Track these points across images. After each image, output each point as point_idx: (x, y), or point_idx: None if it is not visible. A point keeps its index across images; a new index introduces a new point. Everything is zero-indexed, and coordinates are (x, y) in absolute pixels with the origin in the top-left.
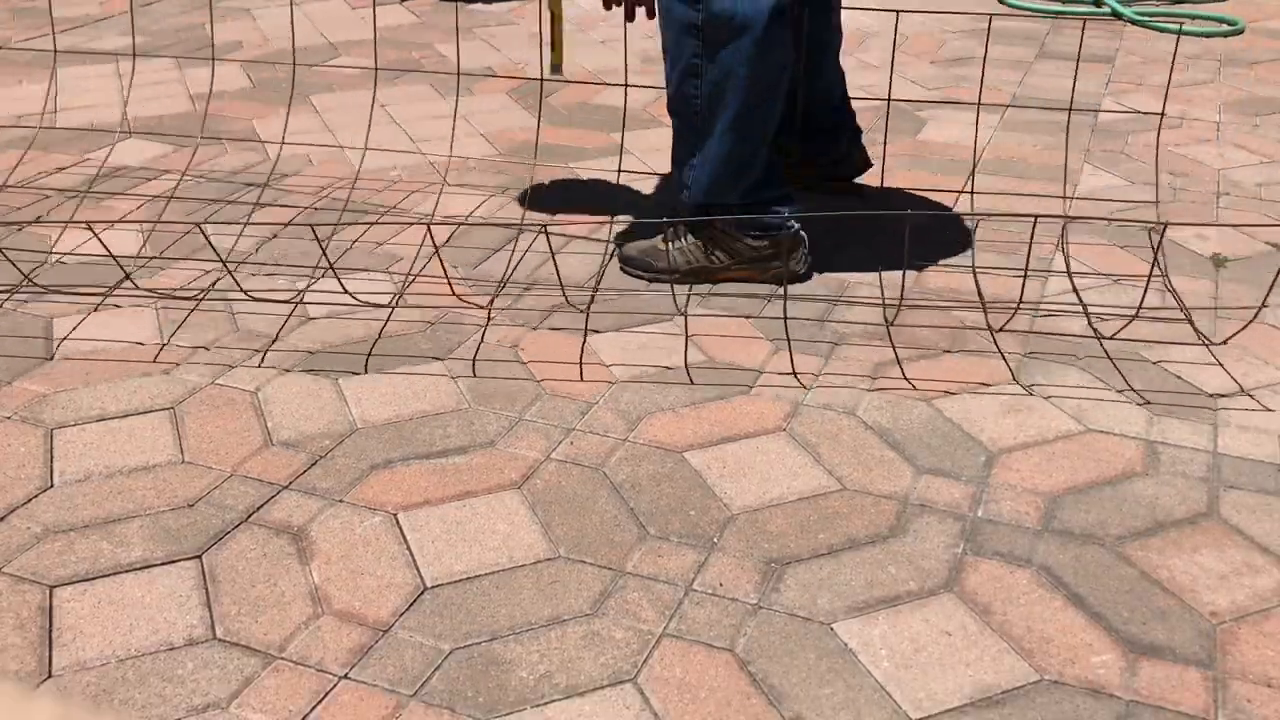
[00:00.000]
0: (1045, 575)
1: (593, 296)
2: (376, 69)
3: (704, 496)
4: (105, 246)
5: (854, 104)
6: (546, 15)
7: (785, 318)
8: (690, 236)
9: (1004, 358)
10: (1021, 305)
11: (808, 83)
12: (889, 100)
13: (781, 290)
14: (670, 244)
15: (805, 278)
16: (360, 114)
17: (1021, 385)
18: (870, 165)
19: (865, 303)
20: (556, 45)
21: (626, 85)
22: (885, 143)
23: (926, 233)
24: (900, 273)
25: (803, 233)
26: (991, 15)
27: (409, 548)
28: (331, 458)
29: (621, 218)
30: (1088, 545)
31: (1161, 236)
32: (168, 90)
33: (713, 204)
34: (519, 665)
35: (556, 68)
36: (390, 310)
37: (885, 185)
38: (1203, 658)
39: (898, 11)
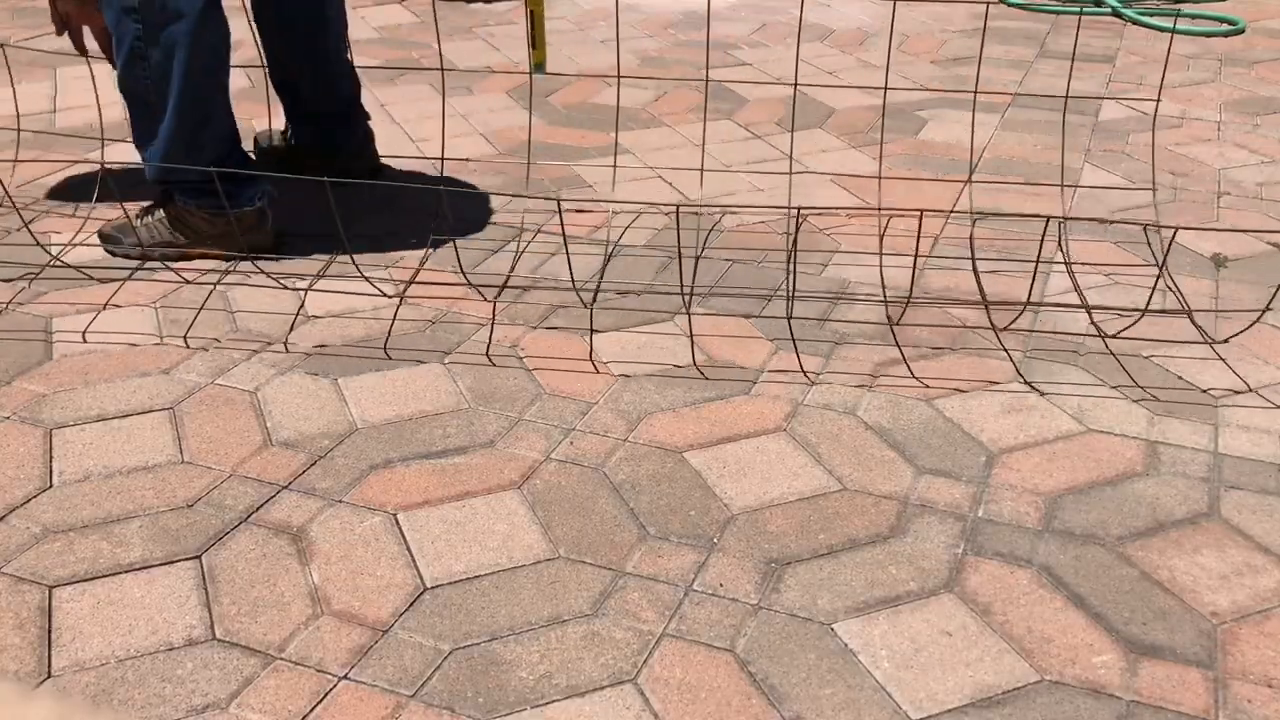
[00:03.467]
0: (1046, 575)
1: (598, 287)
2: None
3: (704, 496)
4: (128, 215)
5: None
6: (531, 18)
7: (789, 317)
8: (158, 214)
9: (1007, 353)
10: (1027, 305)
11: (309, 68)
12: (884, 89)
13: (782, 290)
14: (140, 221)
15: (274, 254)
16: None
17: (1025, 380)
18: (381, 170)
19: (866, 301)
20: (538, 44)
21: (619, 77)
22: (881, 142)
23: (926, 233)
24: (899, 272)
25: (267, 210)
26: (987, 14)
27: (409, 548)
28: (331, 458)
29: (621, 215)
30: (1088, 545)
31: (1172, 240)
32: None
33: (170, 181)
34: (519, 665)
35: (540, 67)
36: (398, 303)
37: (881, 185)
38: (1203, 658)
39: (895, 3)
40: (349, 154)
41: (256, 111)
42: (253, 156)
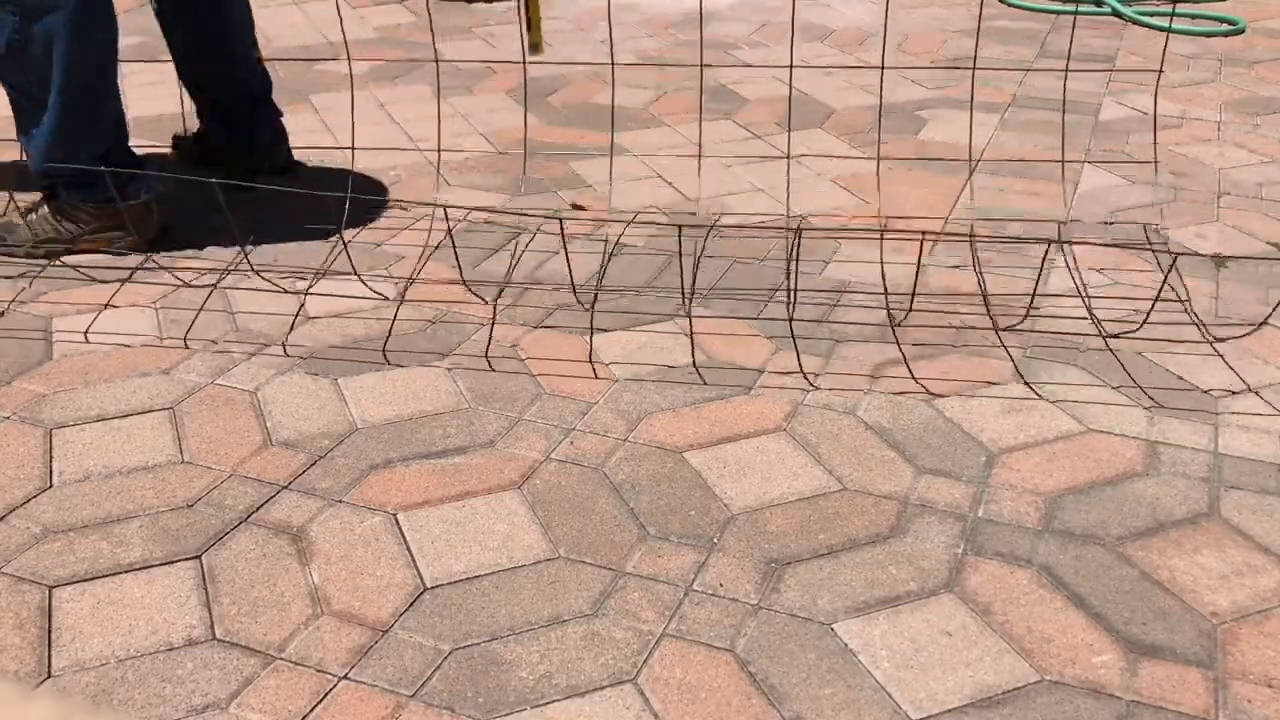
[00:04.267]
0: (1046, 575)
1: (596, 293)
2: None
3: (704, 496)
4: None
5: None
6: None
7: (790, 319)
8: (44, 209)
9: (1008, 352)
10: (1028, 313)
11: (215, 66)
12: (879, 110)
13: (782, 290)
14: (26, 217)
15: (156, 248)
16: (361, 113)
17: (1025, 382)
18: (294, 165)
19: (866, 303)
20: (534, 25)
21: (613, 65)
22: (879, 142)
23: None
24: (899, 269)
25: (153, 203)
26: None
27: (409, 548)
28: (331, 458)
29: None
30: (1088, 545)
31: (1171, 267)
32: (168, 90)
33: (54, 174)
34: (519, 665)
35: (535, 47)
36: (397, 305)
37: (881, 185)
38: (1203, 658)
39: (885, 20)
40: (258, 152)
41: None
42: (136, 153)
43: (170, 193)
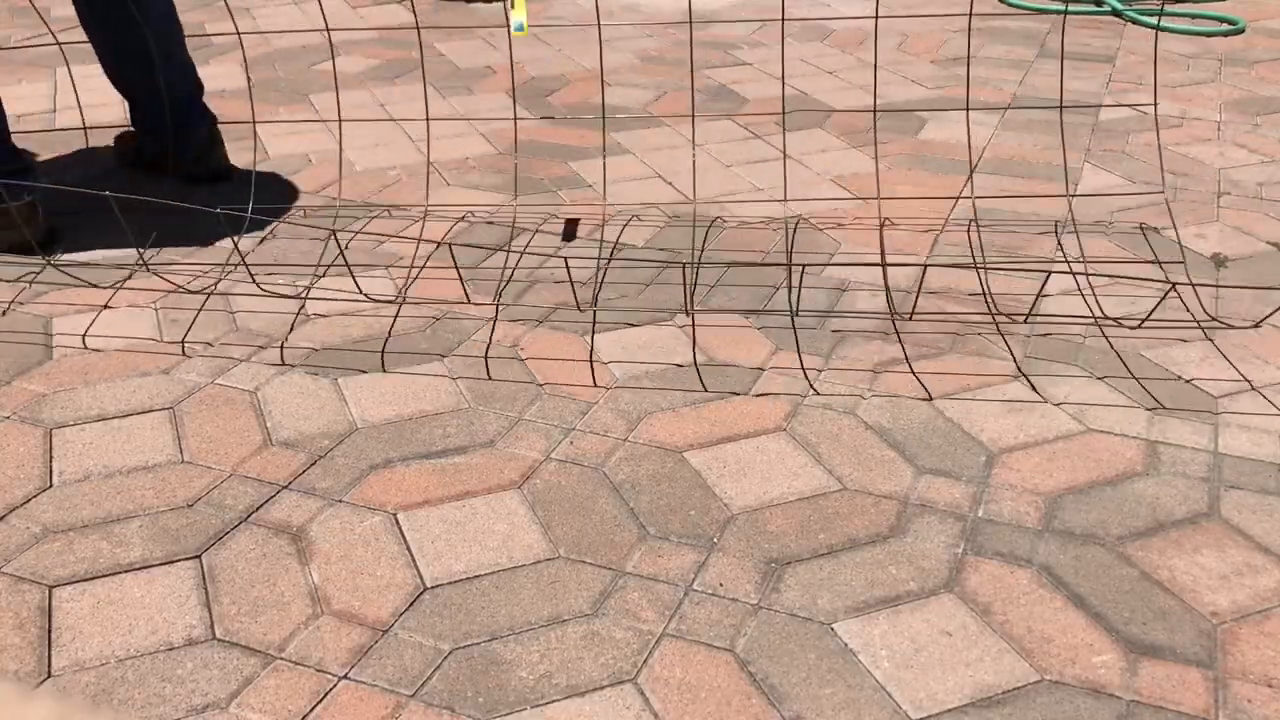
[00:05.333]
0: (1046, 575)
1: (595, 296)
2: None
3: (704, 496)
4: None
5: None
6: None
7: (793, 314)
8: None
9: (1009, 350)
10: (1029, 315)
11: (141, 78)
12: (874, 110)
13: (782, 288)
14: None
15: (45, 249)
16: (361, 113)
17: (1025, 378)
18: (229, 170)
19: (867, 302)
20: (517, 4)
21: (603, 83)
22: (876, 142)
23: (926, 228)
24: (898, 270)
25: (37, 203)
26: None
27: (409, 548)
28: (331, 457)
29: (620, 213)
30: (1088, 545)
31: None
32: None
33: None
34: (519, 665)
35: (521, 26)
36: (398, 307)
37: (881, 186)
38: (1203, 658)
39: (877, 16)
40: (189, 158)
41: (258, 111)
42: (28, 153)
43: (63, 194)
